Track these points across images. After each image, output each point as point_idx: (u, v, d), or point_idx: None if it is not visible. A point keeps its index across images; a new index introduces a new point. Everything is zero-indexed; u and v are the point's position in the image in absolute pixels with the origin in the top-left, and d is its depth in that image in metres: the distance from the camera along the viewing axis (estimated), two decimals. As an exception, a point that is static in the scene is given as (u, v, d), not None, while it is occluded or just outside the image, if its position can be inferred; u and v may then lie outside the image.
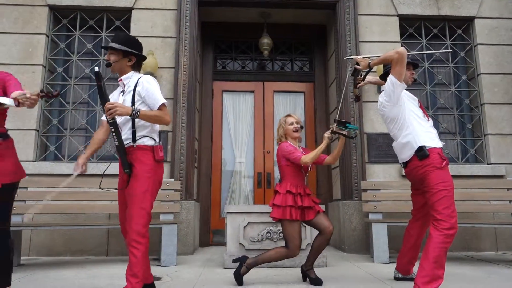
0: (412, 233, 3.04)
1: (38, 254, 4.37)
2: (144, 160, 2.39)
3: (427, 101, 5.16)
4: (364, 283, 3.05)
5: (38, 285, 2.98)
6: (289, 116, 3.22)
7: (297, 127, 3.16)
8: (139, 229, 2.28)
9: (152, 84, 2.45)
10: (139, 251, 2.26)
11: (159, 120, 2.42)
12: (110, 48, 2.47)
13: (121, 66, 2.51)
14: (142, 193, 2.33)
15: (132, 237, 2.28)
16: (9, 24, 4.87)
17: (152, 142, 2.45)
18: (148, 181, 2.36)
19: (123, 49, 2.45)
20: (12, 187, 2.27)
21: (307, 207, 3.02)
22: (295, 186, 3.01)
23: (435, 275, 2.41)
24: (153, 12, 5.04)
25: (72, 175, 2.41)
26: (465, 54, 5.34)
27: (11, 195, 2.27)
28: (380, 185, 4.37)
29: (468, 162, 5.08)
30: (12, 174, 2.26)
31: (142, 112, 2.33)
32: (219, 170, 5.66)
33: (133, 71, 2.55)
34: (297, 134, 3.16)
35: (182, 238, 4.45)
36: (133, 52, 2.50)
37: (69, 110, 4.87)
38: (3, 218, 2.19)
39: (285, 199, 2.96)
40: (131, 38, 2.57)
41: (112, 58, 2.48)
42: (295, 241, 2.93)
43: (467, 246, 4.66)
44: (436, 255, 2.43)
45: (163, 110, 2.42)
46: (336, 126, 2.99)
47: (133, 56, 2.52)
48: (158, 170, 2.45)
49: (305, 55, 6.12)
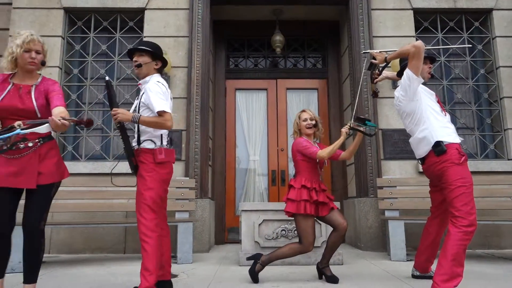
0: (430, 230, 2.99)
1: (58, 252, 4.47)
2: (145, 162, 2.53)
3: (444, 96, 5.06)
4: (381, 281, 3.02)
5: (59, 282, 3.05)
6: (304, 112, 3.20)
7: (310, 123, 3.13)
8: (147, 224, 2.40)
9: (153, 91, 2.50)
10: (148, 245, 2.37)
11: (159, 126, 2.50)
12: (142, 50, 2.62)
13: (148, 68, 2.65)
14: (144, 190, 2.46)
15: (142, 231, 2.40)
16: (26, 27, 4.96)
17: (152, 146, 2.55)
18: (149, 179, 2.48)
19: (151, 50, 2.62)
20: (50, 188, 2.31)
21: (322, 203, 3.00)
22: (310, 181, 3.00)
23: (454, 273, 2.37)
24: (166, 12, 5.08)
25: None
26: (483, 47, 5.21)
27: (49, 195, 2.31)
28: (396, 182, 4.31)
29: (487, 157, 4.96)
30: (50, 175, 2.30)
31: (142, 118, 2.46)
32: (233, 168, 5.68)
33: (155, 74, 2.68)
34: (310, 131, 3.14)
35: (197, 236, 4.48)
36: (160, 56, 2.69)
37: (85, 111, 4.95)
38: (39, 217, 2.23)
39: (299, 193, 2.95)
40: (156, 45, 2.74)
41: (141, 59, 2.62)
42: (308, 237, 2.92)
43: (487, 244, 4.56)
44: (454, 252, 2.38)
45: (164, 116, 2.47)
46: (354, 122, 2.96)
47: (159, 61, 2.69)
48: (160, 170, 2.53)
49: (318, 52, 6.07)
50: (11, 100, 2.25)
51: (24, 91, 2.30)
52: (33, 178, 2.23)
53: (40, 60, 2.34)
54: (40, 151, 2.30)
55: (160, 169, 2.53)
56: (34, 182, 2.23)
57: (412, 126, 2.81)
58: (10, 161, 2.22)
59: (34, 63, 2.30)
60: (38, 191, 2.25)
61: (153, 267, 2.36)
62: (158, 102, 2.46)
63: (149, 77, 2.64)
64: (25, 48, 2.28)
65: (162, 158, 2.52)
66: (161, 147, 2.56)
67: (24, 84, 2.32)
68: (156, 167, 2.51)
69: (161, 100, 2.48)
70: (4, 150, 2.20)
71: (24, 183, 2.22)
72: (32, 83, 2.35)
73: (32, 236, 2.21)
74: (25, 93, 2.30)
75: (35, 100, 2.30)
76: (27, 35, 2.31)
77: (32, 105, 2.29)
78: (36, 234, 2.22)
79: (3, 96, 2.25)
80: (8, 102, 2.25)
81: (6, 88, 2.28)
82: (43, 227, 2.27)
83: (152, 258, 2.36)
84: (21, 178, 2.21)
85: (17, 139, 2.16)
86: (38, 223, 2.22)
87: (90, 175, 4.53)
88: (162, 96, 2.50)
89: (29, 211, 2.22)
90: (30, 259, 2.24)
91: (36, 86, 2.35)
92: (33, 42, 2.31)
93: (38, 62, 2.33)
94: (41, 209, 2.26)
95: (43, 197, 2.28)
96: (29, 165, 2.24)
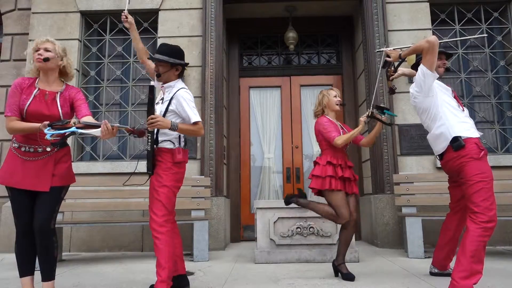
0: (449, 226, 2.94)
1: (78, 250, 4.59)
2: (163, 161, 2.57)
3: (462, 89, 4.94)
4: (399, 278, 2.98)
5: (80, 279, 3.13)
6: (332, 90, 3.24)
7: (340, 100, 3.19)
8: (157, 220, 2.47)
9: (187, 100, 2.58)
10: (159, 241, 2.44)
11: (194, 134, 2.65)
12: (159, 60, 2.63)
13: (169, 76, 2.69)
14: (159, 187, 2.51)
15: (153, 227, 2.47)
16: (45, 32, 5.10)
17: (172, 146, 2.61)
18: (165, 177, 2.53)
19: (171, 61, 2.63)
20: (61, 190, 2.39)
21: (348, 179, 3.02)
22: (335, 158, 3.01)
23: (473, 270, 2.32)
24: (179, 12, 5.12)
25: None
26: (502, 38, 5.06)
27: (59, 197, 2.38)
28: (413, 178, 4.24)
29: (508, 152, 4.82)
30: (62, 178, 2.39)
31: (180, 126, 2.51)
32: (248, 166, 5.69)
33: (178, 79, 2.73)
34: (338, 108, 3.18)
35: (213, 233, 4.52)
36: (180, 62, 2.68)
37: (103, 112, 5.05)
38: (49, 217, 2.30)
39: (325, 170, 2.97)
40: (176, 48, 2.73)
41: (161, 69, 2.66)
42: (341, 209, 2.94)
43: (508, 240, 4.44)
44: (473, 249, 2.33)
45: (198, 125, 2.58)
46: (374, 110, 2.98)
47: (179, 66, 2.70)
48: (176, 169, 2.60)
49: (332, 47, 6.01)
50: (37, 106, 2.32)
51: (50, 97, 2.36)
52: (47, 181, 2.30)
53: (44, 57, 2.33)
54: (56, 155, 2.38)
55: (177, 168, 2.60)
56: (49, 186, 2.30)
57: (429, 122, 2.76)
58: (26, 163, 2.29)
59: (40, 59, 2.33)
60: (50, 192, 2.31)
61: (164, 261, 2.42)
62: (193, 112, 2.57)
63: (173, 82, 2.70)
64: (36, 48, 2.37)
65: (180, 158, 2.59)
66: (180, 148, 2.63)
67: (50, 91, 2.38)
68: (173, 166, 2.57)
69: (193, 109, 2.59)
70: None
71: (40, 186, 2.29)
72: (57, 90, 2.42)
73: (44, 235, 2.26)
74: (50, 99, 2.37)
75: (60, 107, 2.38)
76: (41, 39, 2.40)
77: (58, 112, 2.36)
78: (47, 233, 2.28)
79: (30, 101, 2.32)
80: (35, 107, 2.31)
81: (33, 92, 2.35)
82: (53, 226, 2.33)
83: (164, 253, 2.43)
84: (36, 181, 2.28)
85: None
86: (48, 223, 2.28)
87: (108, 174, 4.63)
88: (194, 105, 2.62)
89: (39, 211, 2.28)
90: (44, 258, 2.30)
91: (61, 94, 2.42)
92: (43, 42, 2.38)
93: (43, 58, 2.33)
94: (51, 209, 2.32)
95: (54, 198, 2.33)
96: (45, 169, 2.31)
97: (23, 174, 2.27)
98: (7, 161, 2.32)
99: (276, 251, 3.73)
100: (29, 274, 2.34)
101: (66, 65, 2.48)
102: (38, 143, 2.29)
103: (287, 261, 3.69)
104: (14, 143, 2.33)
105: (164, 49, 2.67)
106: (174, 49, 2.71)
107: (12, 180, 2.27)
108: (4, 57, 5.52)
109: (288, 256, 3.71)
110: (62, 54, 2.44)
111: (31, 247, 2.31)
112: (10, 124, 2.28)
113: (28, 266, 2.34)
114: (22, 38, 5.50)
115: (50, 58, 2.36)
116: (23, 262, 2.32)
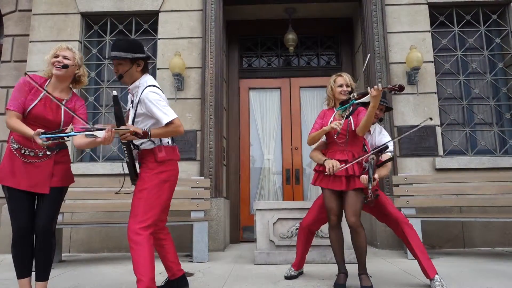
0: None
1: (77, 250, 4.59)
2: (146, 161, 2.43)
3: (460, 91, 4.95)
4: (398, 279, 2.99)
5: (79, 280, 3.13)
6: (340, 77, 2.90)
7: (346, 90, 2.83)
8: (132, 227, 2.28)
9: (153, 101, 2.32)
10: (133, 251, 2.23)
11: (173, 134, 2.40)
12: (115, 58, 2.36)
13: (131, 74, 2.42)
14: (138, 191, 2.38)
15: (127, 234, 2.28)
16: (45, 33, 5.12)
17: (153, 145, 2.43)
18: (146, 179, 2.38)
19: (129, 56, 2.36)
20: (60, 191, 2.40)
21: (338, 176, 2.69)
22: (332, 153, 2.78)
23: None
24: (179, 13, 5.14)
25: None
26: (501, 40, 5.08)
27: (59, 198, 2.39)
28: (413, 179, 4.25)
29: (507, 153, 4.83)
30: (62, 179, 2.40)
31: (153, 132, 2.32)
32: (248, 167, 5.70)
33: (142, 75, 2.47)
34: (344, 97, 2.81)
35: (213, 235, 4.52)
36: (140, 56, 2.40)
37: (102, 113, 5.06)
38: (50, 219, 2.31)
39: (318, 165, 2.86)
40: (132, 41, 2.49)
41: (121, 69, 2.39)
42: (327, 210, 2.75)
43: (507, 242, 4.45)
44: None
45: (173, 123, 2.32)
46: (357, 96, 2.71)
47: (141, 60, 2.43)
48: (162, 168, 2.41)
49: (332, 49, 6.03)
50: (42, 110, 2.32)
51: (55, 103, 2.35)
52: (47, 183, 2.32)
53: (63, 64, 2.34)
54: (56, 157, 2.39)
55: (162, 167, 2.40)
56: (48, 187, 2.31)
57: None
58: (26, 165, 2.30)
59: (59, 67, 2.33)
60: (50, 194, 2.32)
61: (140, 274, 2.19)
62: (162, 113, 2.30)
63: (138, 81, 2.44)
64: (55, 55, 2.37)
65: (163, 156, 2.39)
66: (161, 145, 2.43)
67: (57, 97, 2.34)
68: (158, 166, 2.39)
69: (164, 109, 2.31)
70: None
71: (39, 188, 2.30)
72: (63, 97, 2.42)
73: (44, 237, 2.27)
74: (56, 105, 2.36)
75: (63, 115, 2.39)
76: (61, 45, 2.40)
77: (60, 119, 2.38)
78: (47, 235, 2.29)
79: (36, 104, 2.32)
80: (40, 110, 2.32)
81: (39, 94, 2.33)
82: (54, 228, 2.34)
83: (139, 265, 2.20)
84: (36, 183, 2.29)
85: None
86: (49, 225, 2.30)
87: (107, 175, 4.63)
88: (163, 103, 2.34)
89: (41, 213, 2.29)
90: (41, 259, 2.30)
91: (67, 102, 2.42)
92: (63, 49, 2.38)
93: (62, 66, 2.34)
94: (52, 211, 2.33)
95: (54, 199, 2.35)
96: (45, 171, 2.33)
97: (23, 175, 2.28)
98: (6, 161, 2.32)
99: (275, 252, 3.74)
100: (27, 275, 2.33)
101: (81, 74, 2.48)
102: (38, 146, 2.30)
103: (286, 262, 3.70)
104: (14, 144, 2.32)
105: (119, 44, 2.37)
106: (131, 42, 2.44)
107: (12, 180, 2.27)
108: (4, 59, 5.52)
109: (287, 257, 3.72)
110: (79, 64, 2.45)
111: (28, 249, 2.30)
112: (11, 119, 2.25)
113: (26, 268, 2.33)
114: (22, 39, 5.50)
115: (69, 66, 2.37)
116: (20, 264, 2.31)
